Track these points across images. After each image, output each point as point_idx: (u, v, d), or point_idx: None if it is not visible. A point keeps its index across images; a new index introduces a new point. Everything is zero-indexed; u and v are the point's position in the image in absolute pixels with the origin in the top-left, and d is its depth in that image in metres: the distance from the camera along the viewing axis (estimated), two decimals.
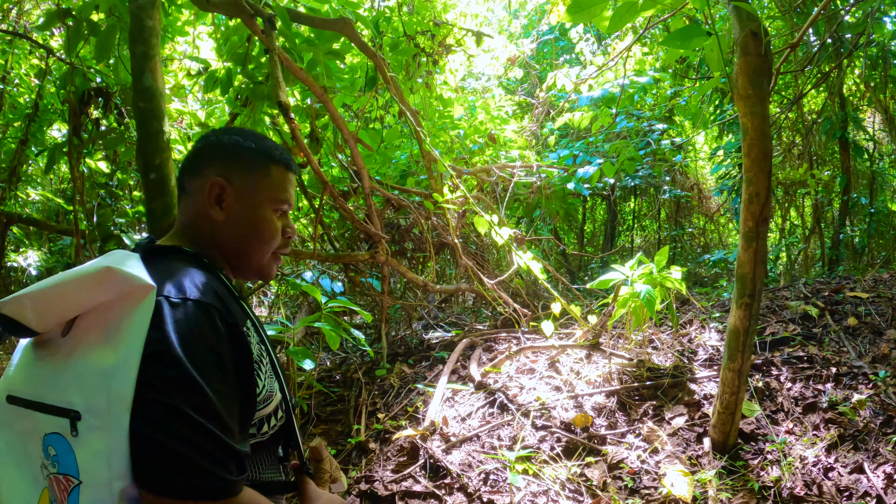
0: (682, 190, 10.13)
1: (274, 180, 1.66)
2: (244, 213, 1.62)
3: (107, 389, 1.24)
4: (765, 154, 3.45)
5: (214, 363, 1.32)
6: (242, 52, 5.23)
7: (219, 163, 1.63)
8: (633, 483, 3.77)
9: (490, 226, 5.38)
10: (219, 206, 1.61)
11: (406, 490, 3.89)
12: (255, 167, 1.64)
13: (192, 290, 1.38)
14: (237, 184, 1.62)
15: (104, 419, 1.24)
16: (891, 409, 4.13)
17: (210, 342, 1.33)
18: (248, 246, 1.65)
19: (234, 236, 1.63)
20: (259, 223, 1.64)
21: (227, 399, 1.33)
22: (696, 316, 6.16)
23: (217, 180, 1.60)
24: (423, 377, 5.32)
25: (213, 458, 1.25)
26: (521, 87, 10.71)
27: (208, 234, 1.62)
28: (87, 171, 5.90)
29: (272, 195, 1.66)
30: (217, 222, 1.61)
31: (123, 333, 1.28)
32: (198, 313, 1.34)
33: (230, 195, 1.61)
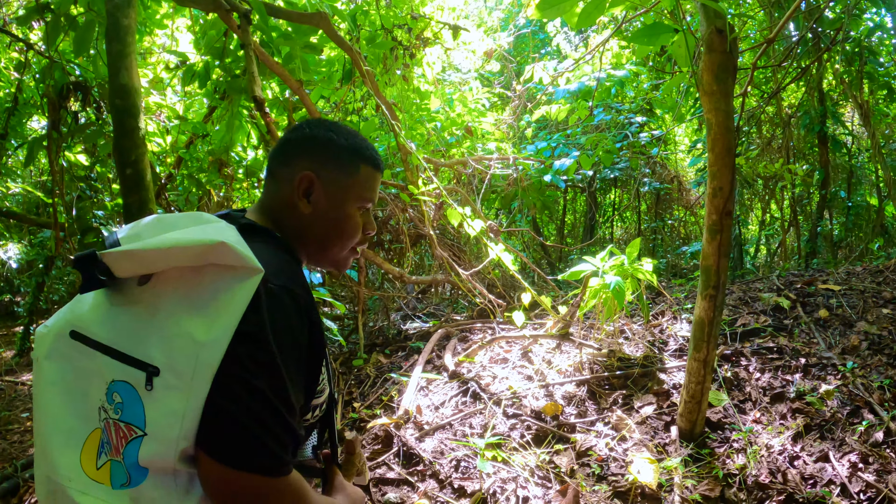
0: (661, 182, 10.21)
1: (361, 179, 1.70)
2: (330, 209, 1.66)
3: (195, 356, 1.29)
4: (728, 149, 3.51)
5: (296, 351, 1.41)
6: (220, 46, 5.26)
7: (310, 156, 1.66)
8: (600, 470, 3.85)
9: (462, 218, 5.44)
10: (306, 199, 1.65)
11: (380, 477, 3.95)
12: (345, 165, 1.68)
13: (288, 278, 1.44)
14: (326, 179, 1.66)
15: (186, 382, 1.29)
16: (858, 400, 4.20)
17: (295, 331, 1.42)
18: (329, 240, 1.69)
19: (318, 230, 1.67)
20: (343, 220, 1.68)
21: (298, 385, 1.42)
22: (668, 307, 6.23)
23: (307, 174, 1.64)
24: (399, 367, 5.38)
25: (277, 438, 1.33)
26: (498, 79, 10.75)
27: (292, 223, 1.66)
28: (67, 164, 5.91)
29: (358, 193, 1.70)
30: (302, 214, 1.65)
31: (222, 308, 1.32)
32: (290, 303, 1.41)
33: (318, 190, 1.65)
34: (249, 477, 1.30)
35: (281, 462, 1.34)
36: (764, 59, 7.76)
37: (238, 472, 1.30)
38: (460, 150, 7.52)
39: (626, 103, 9.24)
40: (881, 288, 5.93)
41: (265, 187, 1.73)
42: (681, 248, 10.39)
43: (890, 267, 6.57)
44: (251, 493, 1.32)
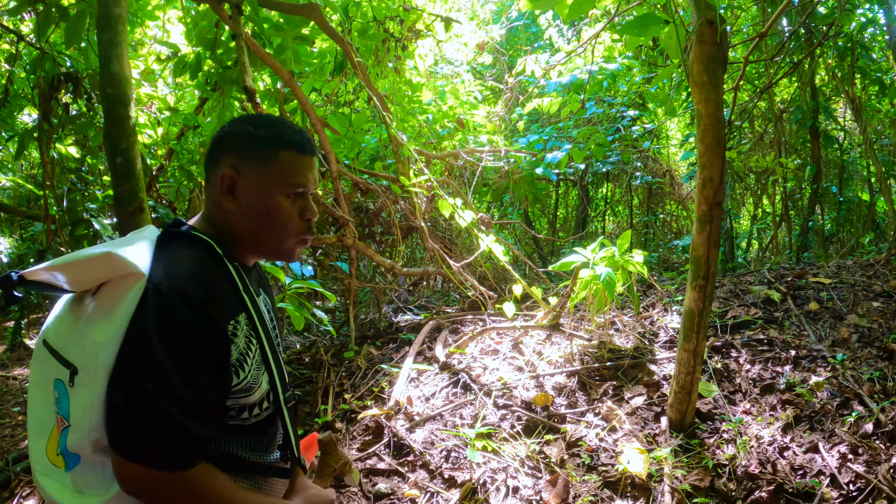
0: (654, 176, 10.22)
1: (283, 165, 1.66)
2: (255, 201, 1.65)
3: (96, 355, 1.44)
4: (718, 140, 3.52)
5: (186, 350, 1.44)
6: (211, 37, 5.25)
7: (231, 153, 1.67)
8: (590, 460, 3.86)
9: (453, 209, 5.44)
10: (231, 196, 1.66)
11: (371, 468, 3.96)
12: (263, 155, 1.66)
13: (181, 280, 1.48)
14: (247, 173, 1.65)
15: (91, 379, 1.44)
16: (848, 392, 4.22)
17: (186, 331, 1.45)
18: (262, 233, 1.69)
19: (248, 224, 1.67)
20: (270, 211, 1.66)
21: (199, 386, 1.46)
22: (659, 299, 6.25)
23: (227, 171, 1.65)
24: (390, 359, 5.39)
25: (165, 434, 1.41)
26: (489, 71, 10.73)
27: (224, 221, 1.68)
28: (58, 156, 5.89)
29: (283, 180, 1.66)
30: (230, 211, 1.66)
31: (115, 312, 1.45)
32: (179, 303, 1.45)
33: (241, 185, 1.65)
34: (144, 470, 1.42)
35: (170, 456, 1.43)
36: (756, 54, 7.78)
37: (131, 465, 1.42)
38: (452, 143, 7.51)
39: (618, 97, 9.23)
40: (871, 281, 5.95)
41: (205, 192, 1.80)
42: (672, 242, 10.40)
43: (880, 261, 6.60)
44: (149, 485, 1.44)
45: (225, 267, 1.62)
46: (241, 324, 1.58)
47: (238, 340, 1.55)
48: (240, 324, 1.57)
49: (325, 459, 2.00)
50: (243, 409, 1.61)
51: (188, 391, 1.43)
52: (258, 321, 1.64)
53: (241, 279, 1.64)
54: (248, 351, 1.58)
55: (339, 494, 3.80)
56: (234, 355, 1.54)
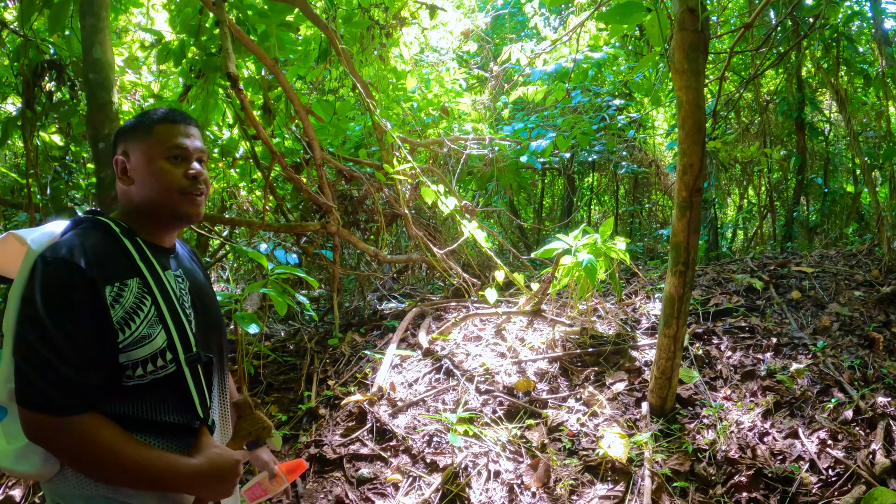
0: (639, 166, 10.24)
1: (158, 136, 1.88)
2: (142, 173, 1.87)
3: (7, 320, 1.71)
4: (698, 127, 3.53)
5: (66, 309, 1.63)
6: (195, 24, 5.21)
7: (120, 142, 1.92)
8: (571, 445, 3.88)
9: (436, 195, 5.44)
10: (126, 177, 1.89)
11: (353, 453, 3.98)
12: (140, 134, 1.89)
13: (64, 250, 1.69)
14: (132, 154, 1.89)
15: (7, 339, 1.70)
16: (828, 379, 4.26)
17: (65, 292, 1.64)
18: (152, 198, 1.88)
19: (141, 195, 1.88)
20: (154, 175, 1.86)
21: (77, 338, 1.63)
22: (642, 287, 6.28)
23: (118, 157, 1.90)
24: (374, 345, 5.40)
25: (47, 380, 1.60)
26: (474, 60, 10.72)
27: (127, 202, 1.92)
28: (41, 144, 5.85)
29: (160, 148, 1.87)
30: (128, 191, 1.90)
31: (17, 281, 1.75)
32: (59, 269, 1.65)
33: (130, 165, 1.89)
34: (32, 414, 1.61)
35: (54, 401, 1.60)
36: (742, 44, 7.80)
37: (25, 410, 1.62)
38: (437, 131, 7.50)
39: (603, 86, 9.24)
40: (854, 271, 5.99)
41: None
42: (658, 231, 10.44)
43: (863, 251, 6.65)
44: (39, 429, 1.62)
45: (117, 240, 1.82)
46: (130, 286, 1.75)
47: (123, 300, 1.72)
48: (128, 286, 1.75)
49: (240, 423, 2.04)
50: (137, 364, 1.73)
51: (65, 341, 1.61)
52: (155, 285, 1.80)
53: (139, 250, 1.83)
54: (138, 309, 1.74)
55: (322, 479, 3.82)
56: (118, 314, 1.70)
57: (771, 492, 3.42)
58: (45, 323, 1.61)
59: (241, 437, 2.01)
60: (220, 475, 1.80)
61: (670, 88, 8.69)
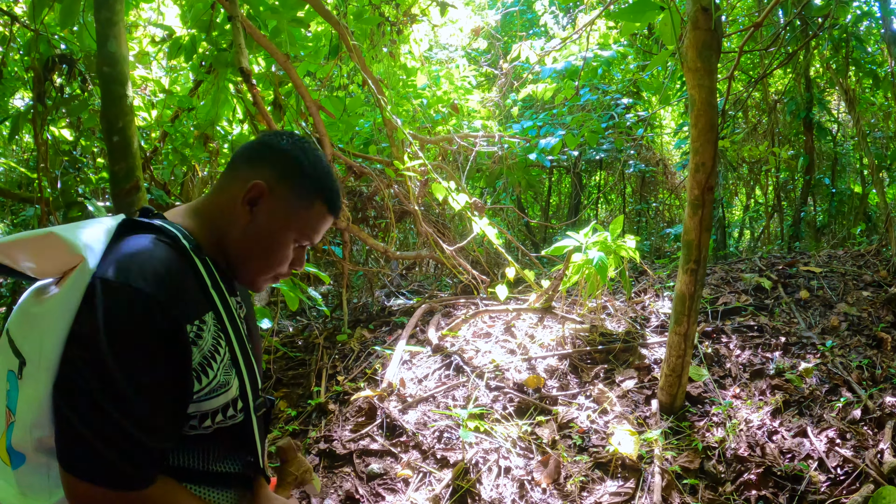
0: (647, 165, 10.24)
1: (311, 215, 1.59)
2: (268, 226, 1.54)
3: (40, 347, 1.29)
4: (711, 125, 3.55)
5: (141, 355, 1.28)
6: (207, 19, 5.22)
7: (270, 168, 1.55)
8: (581, 441, 3.90)
9: (447, 192, 5.46)
10: (249, 208, 1.53)
11: (363, 448, 3.98)
12: (301, 192, 1.56)
13: (136, 275, 1.30)
14: (277, 197, 1.54)
15: (36, 371, 1.29)
16: (836, 378, 4.27)
17: (140, 334, 1.28)
18: (251, 258, 1.57)
19: (246, 242, 1.55)
20: (274, 245, 1.56)
21: (153, 393, 1.30)
22: (651, 285, 6.29)
23: (259, 184, 1.52)
24: (383, 341, 5.41)
25: (118, 449, 1.25)
26: (484, 57, 10.72)
27: (222, 225, 1.56)
28: (51, 138, 5.87)
29: (302, 227, 1.58)
30: (236, 219, 1.54)
31: (59, 301, 1.30)
32: (133, 301, 1.28)
33: (265, 204, 1.53)
34: (95, 488, 1.26)
35: (124, 475, 1.27)
36: (751, 44, 7.79)
37: (74, 479, 1.26)
38: (446, 128, 7.52)
39: (612, 84, 9.24)
40: (862, 271, 5.99)
41: (216, 185, 1.62)
42: (665, 230, 10.44)
43: (871, 251, 6.65)
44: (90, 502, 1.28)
45: (191, 260, 1.45)
46: (208, 324, 1.42)
47: (202, 342, 1.39)
48: (206, 324, 1.41)
49: (285, 468, 1.88)
50: (206, 416, 1.45)
51: (142, 402, 1.27)
52: (228, 320, 1.49)
53: (211, 274, 1.48)
54: (215, 352, 1.43)
55: (332, 474, 3.83)
56: (196, 359, 1.38)
57: (780, 490, 3.43)
58: (112, 372, 1.24)
59: (287, 483, 1.85)
60: None
61: (679, 87, 8.70)
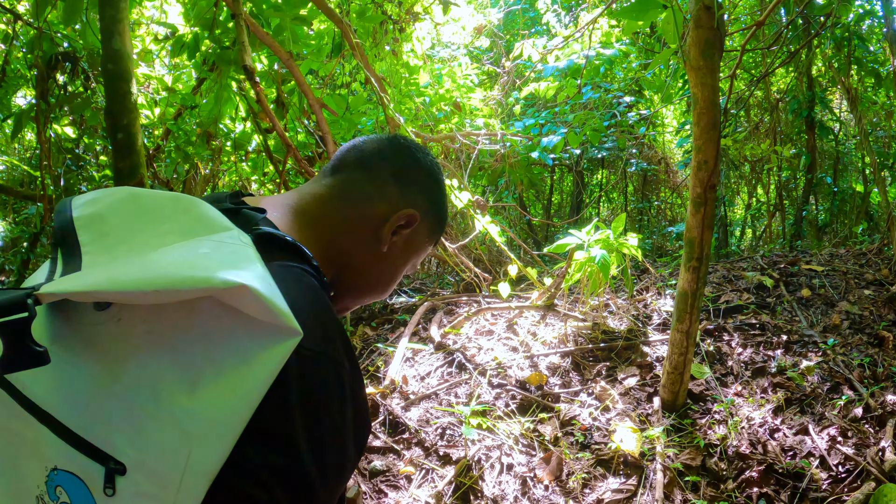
0: (649, 163, 10.24)
1: (429, 246, 1.38)
2: (397, 260, 1.31)
3: (186, 454, 0.77)
4: (713, 123, 3.55)
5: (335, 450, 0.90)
6: (210, 17, 5.23)
7: (425, 196, 1.32)
8: (583, 439, 3.91)
9: (449, 190, 5.47)
10: (391, 236, 1.26)
11: (366, 445, 3.99)
12: (435, 230, 1.37)
13: (327, 336, 0.93)
14: (418, 229, 1.30)
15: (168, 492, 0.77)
16: (838, 376, 4.28)
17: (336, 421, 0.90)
18: (370, 289, 1.32)
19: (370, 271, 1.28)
20: (395, 276, 1.33)
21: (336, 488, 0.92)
22: (653, 283, 6.30)
23: (413, 213, 1.26)
24: (385, 339, 5.42)
25: None
26: (486, 55, 10.72)
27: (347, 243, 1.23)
28: (54, 136, 5.88)
29: (415, 259, 1.36)
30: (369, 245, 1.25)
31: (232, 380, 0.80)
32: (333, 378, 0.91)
33: (406, 235, 1.29)
34: None
35: None
36: (753, 42, 7.79)
37: None
38: (448, 126, 7.52)
39: (615, 83, 9.25)
40: (864, 270, 6.00)
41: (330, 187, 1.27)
42: (667, 228, 10.45)
43: (873, 250, 6.65)
44: None
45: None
46: None
47: None
48: None
49: None
50: None
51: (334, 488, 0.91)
52: None
53: None
54: None
55: None
56: None
57: (781, 487, 3.44)
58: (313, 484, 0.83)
59: None
60: None
61: (681, 86, 8.70)
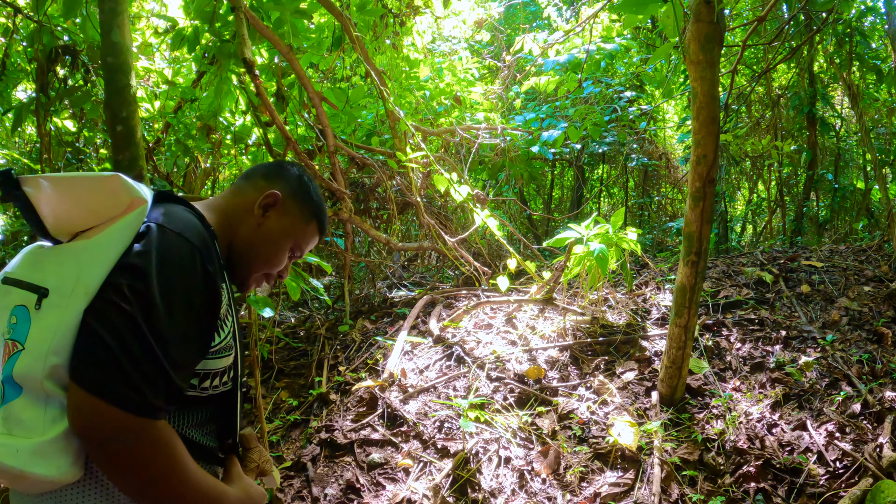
0: (650, 158, 10.23)
1: (308, 230, 1.88)
2: (272, 232, 1.79)
3: (77, 275, 1.35)
4: (713, 118, 3.55)
5: (183, 296, 1.39)
6: (210, 10, 5.22)
7: (288, 186, 1.83)
8: (581, 432, 3.91)
9: (449, 183, 5.47)
10: (262, 212, 1.77)
11: (364, 438, 4.01)
12: (305, 210, 1.85)
13: (184, 228, 1.46)
14: (286, 208, 1.81)
15: (66, 300, 1.34)
16: (836, 372, 4.28)
17: (187, 277, 1.41)
18: (253, 256, 1.78)
19: (252, 241, 1.77)
20: (275, 247, 1.81)
21: (184, 333, 1.40)
22: (652, 278, 6.30)
23: (276, 193, 1.77)
24: (385, 332, 5.42)
25: (146, 376, 1.31)
26: (487, 49, 10.71)
27: (235, 224, 1.76)
28: (54, 129, 5.88)
29: (298, 239, 1.86)
30: (249, 221, 1.77)
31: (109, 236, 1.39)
32: (183, 248, 1.42)
33: (277, 211, 1.79)
34: (107, 407, 1.28)
35: (146, 402, 1.32)
36: (755, 38, 7.78)
37: (96, 400, 1.28)
38: (448, 120, 7.52)
39: (615, 77, 9.23)
40: (863, 266, 6.00)
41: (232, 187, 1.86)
42: (667, 224, 10.44)
43: (873, 247, 6.65)
44: (106, 426, 1.30)
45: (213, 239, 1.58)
46: (225, 290, 1.57)
47: (223, 303, 1.53)
48: (224, 289, 1.55)
49: (248, 455, 1.90)
50: (208, 376, 1.56)
51: (177, 337, 1.37)
52: (231, 298, 1.64)
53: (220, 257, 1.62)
54: (226, 318, 1.57)
55: (333, 464, 3.85)
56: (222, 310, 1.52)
57: (779, 482, 3.44)
58: (159, 304, 1.34)
59: (249, 471, 1.86)
60: None
61: (682, 81, 8.69)
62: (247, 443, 1.90)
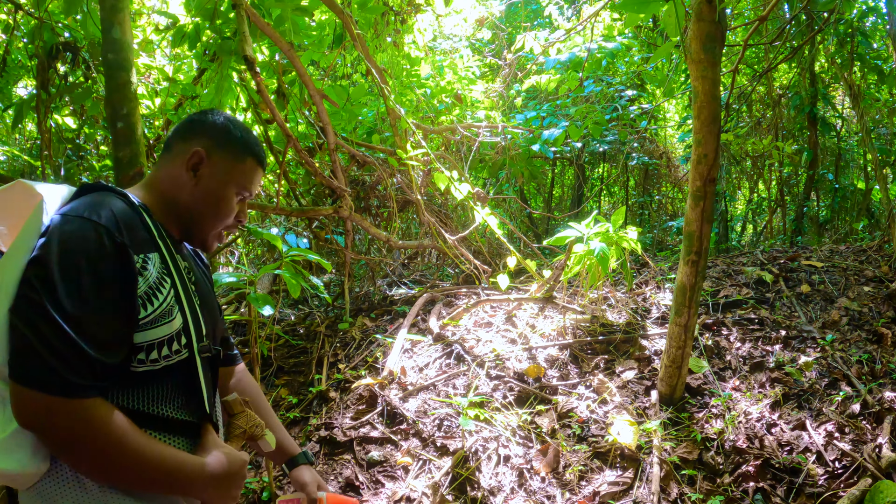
0: (650, 157, 10.22)
1: (247, 168, 1.85)
2: (211, 186, 1.80)
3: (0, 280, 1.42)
4: (714, 117, 3.55)
5: (89, 273, 1.44)
6: (210, 7, 5.22)
7: (207, 137, 1.81)
8: (581, 431, 3.91)
9: (449, 181, 5.46)
10: (192, 173, 1.78)
11: (364, 436, 4.01)
12: (235, 152, 1.83)
13: (87, 210, 1.51)
14: (216, 160, 1.80)
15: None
16: (836, 372, 4.28)
17: (90, 255, 1.45)
18: (202, 216, 1.81)
19: (195, 203, 1.79)
20: (220, 199, 1.82)
21: (98, 308, 1.44)
22: (652, 277, 6.30)
23: (199, 150, 1.77)
24: (384, 330, 5.42)
25: (62, 357, 1.37)
26: (488, 47, 10.70)
27: (172, 194, 1.79)
28: (55, 126, 5.88)
29: (240, 181, 1.84)
30: (183, 186, 1.78)
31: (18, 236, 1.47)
32: (84, 228, 1.47)
33: (206, 167, 1.79)
34: (34, 394, 1.36)
35: (62, 379, 1.37)
36: (756, 37, 7.78)
37: (22, 388, 1.37)
38: (449, 118, 7.51)
39: (616, 76, 9.22)
40: (863, 266, 5.99)
41: (158, 161, 1.87)
42: (668, 223, 10.44)
43: (873, 247, 6.65)
44: (41, 413, 1.37)
45: (137, 212, 1.65)
46: (154, 260, 1.60)
47: (147, 273, 1.56)
48: (151, 260, 1.59)
49: (232, 421, 1.90)
50: (152, 346, 1.57)
51: (87, 312, 1.41)
52: (173, 266, 1.67)
53: (157, 228, 1.69)
54: (160, 286, 1.59)
55: (332, 461, 3.85)
56: (142, 287, 1.54)
57: (778, 482, 3.45)
58: (59, 287, 1.39)
59: (236, 437, 1.88)
60: (230, 475, 1.66)
61: (683, 80, 8.69)
62: (231, 409, 1.92)
